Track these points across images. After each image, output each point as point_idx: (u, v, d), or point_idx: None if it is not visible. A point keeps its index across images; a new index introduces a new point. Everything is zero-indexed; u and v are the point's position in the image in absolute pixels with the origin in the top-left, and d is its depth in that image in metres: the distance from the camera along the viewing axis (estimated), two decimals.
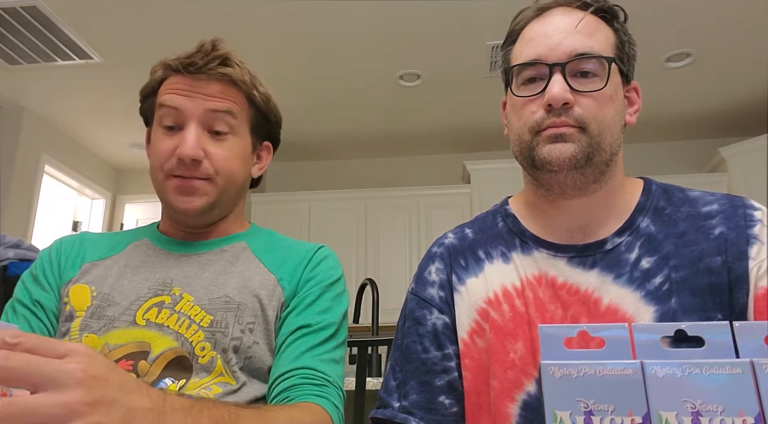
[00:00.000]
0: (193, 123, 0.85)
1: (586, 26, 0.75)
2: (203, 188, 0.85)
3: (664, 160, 4.58)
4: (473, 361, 0.79)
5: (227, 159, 0.87)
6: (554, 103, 0.72)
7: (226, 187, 0.88)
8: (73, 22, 3.08)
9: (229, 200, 0.90)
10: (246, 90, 0.89)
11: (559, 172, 0.73)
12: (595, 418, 0.43)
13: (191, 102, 0.85)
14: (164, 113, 0.86)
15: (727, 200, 0.77)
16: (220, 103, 0.86)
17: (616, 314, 0.72)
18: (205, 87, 0.86)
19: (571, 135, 0.72)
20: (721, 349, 0.45)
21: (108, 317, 0.81)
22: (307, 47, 3.35)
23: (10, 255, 1.47)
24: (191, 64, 0.85)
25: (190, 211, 0.85)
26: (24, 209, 4.07)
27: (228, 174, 0.87)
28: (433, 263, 0.87)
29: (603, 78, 0.73)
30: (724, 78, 3.69)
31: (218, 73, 0.86)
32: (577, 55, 0.73)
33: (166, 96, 0.86)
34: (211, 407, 0.57)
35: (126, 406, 0.45)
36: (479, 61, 3.48)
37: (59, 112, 4.18)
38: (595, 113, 0.72)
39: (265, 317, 0.83)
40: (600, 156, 0.73)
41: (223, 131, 0.87)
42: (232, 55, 0.88)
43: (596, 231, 0.78)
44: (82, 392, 0.42)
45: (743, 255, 0.71)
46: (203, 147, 0.85)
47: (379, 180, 4.95)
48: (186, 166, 0.84)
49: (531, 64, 0.75)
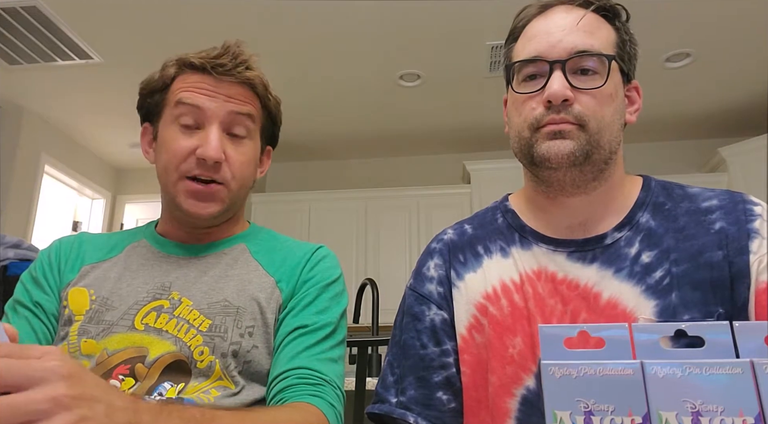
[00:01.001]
0: (215, 124, 0.84)
1: (587, 24, 0.75)
2: (219, 194, 0.85)
3: (664, 160, 4.58)
4: (472, 356, 0.79)
5: (243, 163, 0.86)
6: (554, 99, 0.72)
7: (239, 191, 0.87)
8: (73, 22, 3.08)
9: (238, 204, 0.90)
10: (263, 94, 0.90)
11: (557, 169, 0.74)
12: (595, 418, 0.43)
13: (214, 102, 0.84)
14: (183, 111, 0.84)
15: (727, 196, 0.77)
16: (242, 106, 0.86)
17: (617, 308, 0.73)
18: (227, 89, 0.85)
19: (570, 132, 0.72)
20: (721, 349, 0.45)
21: (106, 321, 0.80)
22: (307, 47, 3.35)
23: (10, 255, 1.47)
24: (219, 65, 0.84)
25: (205, 216, 0.85)
26: (24, 209, 4.07)
27: (242, 179, 0.87)
28: (431, 258, 0.86)
29: (603, 76, 0.73)
30: (724, 78, 3.69)
31: (243, 77, 0.86)
32: (578, 53, 0.73)
33: (186, 93, 0.84)
34: (181, 409, 0.56)
35: (105, 402, 0.45)
36: (479, 61, 3.48)
37: (59, 112, 4.17)
38: (594, 111, 0.73)
39: (265, 321, 0.83)
40: (599, 154, 0.73)
41: (242, 135, 0.86)
42: (253, 60, 0.89)
43: (596, 227, 0.78)
44: (66, 386, 0.42)
45: (744, 250, 0.72)
46: (224, 149, 0.84)
47: (379, 180, 4.95)
48: (205, 168, 0.82)
49: (532, 61, 0.76)
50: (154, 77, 0.90)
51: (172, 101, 0.85)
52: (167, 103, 0.87)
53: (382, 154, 4.99)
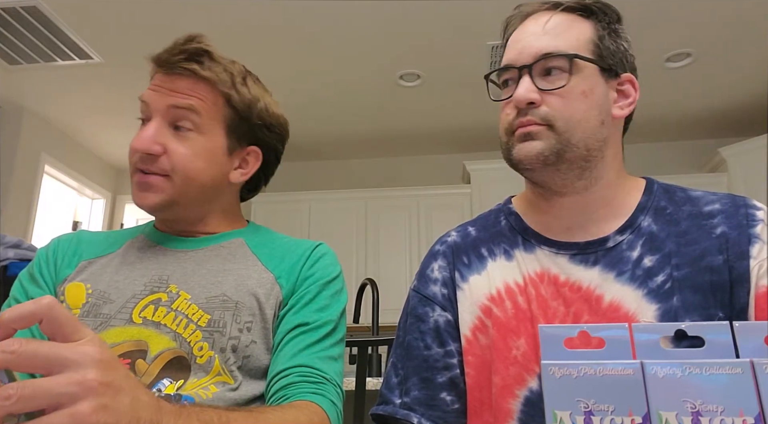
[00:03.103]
0: (157, 117, 0.85)
1: (556, 26, 0.77)
2: (159, 185, 0.84)
3: (664, 160, 4.58)
4: (476, 357, 0.79)
5: (186, 156, 0.84)
6: (518, 103, 0.75)
7: (185, 185, 0.85)
8: (73, 22, 3.08)
9: (192, 199, 0.87)
10: (222, 89, 0.86)
11: (533, 170, 0.76)
12: (595, 418, 0.43)
13: (157, 96, 0.85)
14: (140, 108, 0.87)
15: (729, 200, 0.77)
16: (183, 99, 0.84)
17: (618, 311, 0.73)
18: (172, 82, 0.85)
19: (538, 133, 0.74)
20: (721, 349, 0.45)
21: (104, 315, 0.80)
22: (307, 47, 3.35)
23: (10, 255, 1.48)
24: (166, 61, 0.85)
25: (145, 207, 0.86)
26: (24, 209, 4.07)
27: (186, 172, 0.84)
28: (435, 260, 0.87)
29: (568, 75, 0.74)
30: (724, 78, 3.69)
31: (182, 68, 0.84)
32: (542, 56, 0.75)
33: (143, 93, 0.87)
34: (200, 411, 0.56)
35: (132, 395, 0.45)
36: (479, 61, 3.48)
37: (59, 112, 4.18)
38: (561, 110, 0.74)
39: (263, 316, 0.83)
40: (572, 152, 0.74)
41: (186, 128, 0.85)
42: (212, 52, 0.86)
43: (597, 229, 0.78)
44: (97, 372, 0.42)
45: (745, 254, 0.72)
46: (162, 142, 0.83)
47: (379, 180, 4.95)
48: (143, 161, 0.84)
49: (504, 69, 0.79)
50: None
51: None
52: None
53: (382, 154, 4.99)
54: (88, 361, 0.42)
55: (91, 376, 0.42)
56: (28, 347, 0.41)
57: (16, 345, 0.41)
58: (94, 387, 0.42)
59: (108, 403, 0.42)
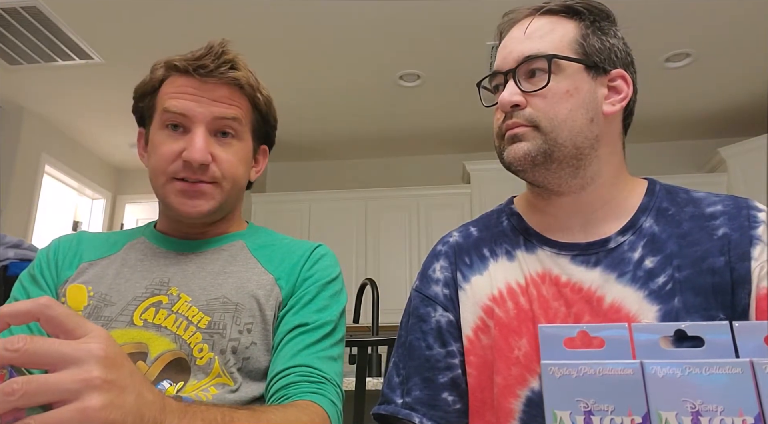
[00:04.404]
0: (201, 127, 0.84)
1: (538, 29, 0.78)
2: (210, 192, 0.85)
3: (664, 160, 4.58)
4: (478, 358, 0.79)
5: (233, 163, 0.87)
6: (502, 107, 0.77)
7: (231, 190, 0.88)
8: (73, 22, 3.08)
9: (231, 203, 0.91)
10: (251, 94, 0.89)
11: (524, 171, 0.77)
12: (595, 418, 0.43)
13: (199, 106, 0.84)
14: (169, 118, 0.85)
15: (732, 201, 0.77)
16: (227, 109, 0.85)
17: (620, 312, 0.73)
18: (212, 91, 0.85)
19: (524, 134, 0.75)
20: (721, 349, 0.45)
21: (105, 317, 0.81)
22: (307, 47, 3.35)
23: (10, 255, 1.48)
24: (202, 67, 0.84)
25: (195, 214, 0.85)
26: (24, 209, 4.07)
27: (234, 178, 0.87)
28: (437, 260, 0.87)
29: (550, 75, 0.75)
30: (724, 78, 3.69)
31: (228, 78, 0.85)
32: (524, 59, 0.76)
33: (172, 101, 0.84)
34: (204, 410, 0.57)
35: (136, 392, 0.45)
36: (479, 61, 3.48)
37: (59, 112, 4.18)
38: (545, 110, 0.74)
39: (263, 317, 0.83)
40: (560, 151, 0.74)
41: (230, 135, 0.87)
42: (239, 59, 0.88)
43: (597, 230, 0.79)
44: (101, 369, 0.43)
45: (746, 256, 0.72)
46: (210, 151, 0.84)
47: (379, 180, 4.95)
48: (192, 170, 0.83)
49: (492, 76, 0.82)
50: (145, 81, 0.90)
51: (160, 107, 0.86)
52: (157, 108, 0.87)
53: (382, 154, 4.99)
54: (92, 358, 0.43)
55: (95, 373, 0.42)
56: (32, 345, 0.41)
57: (21, 343, 0.41)
58: (96, 384, 0.42)
59: (114, 400, 0.43)
